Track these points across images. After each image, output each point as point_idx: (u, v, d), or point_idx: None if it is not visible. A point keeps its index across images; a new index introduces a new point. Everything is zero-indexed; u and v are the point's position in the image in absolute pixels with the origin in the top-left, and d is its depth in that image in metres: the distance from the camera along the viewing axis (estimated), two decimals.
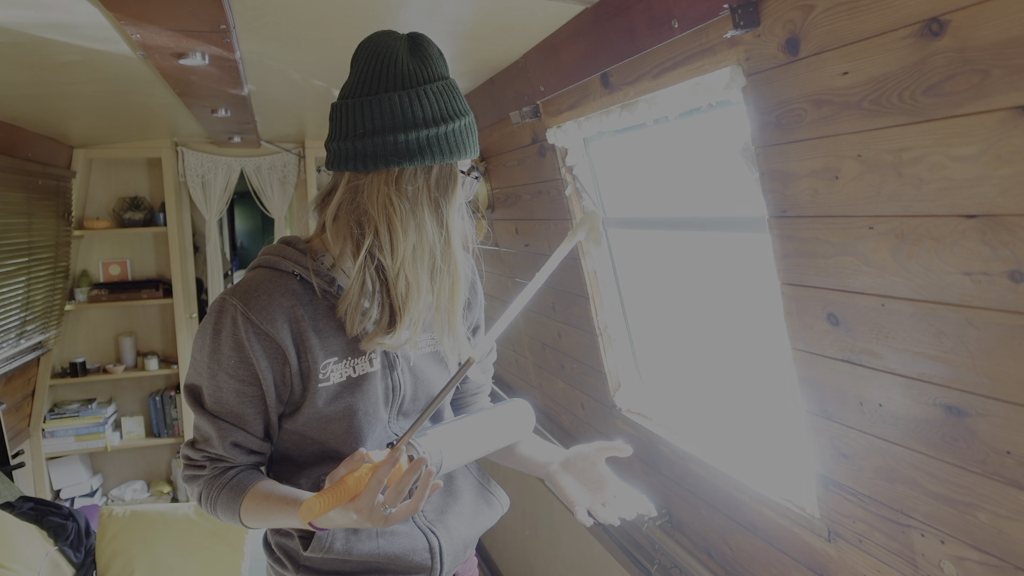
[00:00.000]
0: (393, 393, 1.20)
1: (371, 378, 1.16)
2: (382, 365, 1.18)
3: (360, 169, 1.07)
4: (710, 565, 1.84)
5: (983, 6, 0.80)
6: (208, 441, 1.14)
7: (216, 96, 2.29)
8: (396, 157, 1.06)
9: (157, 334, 4.09)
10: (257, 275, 1.14)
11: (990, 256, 0.88)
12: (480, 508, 1.31)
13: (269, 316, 1.08)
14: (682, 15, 1.28)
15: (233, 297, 1.09)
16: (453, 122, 1.10)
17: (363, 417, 1.16)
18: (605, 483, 1.19)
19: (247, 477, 1.14)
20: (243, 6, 1.48)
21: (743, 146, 1.31)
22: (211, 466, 1.15)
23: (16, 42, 1.68)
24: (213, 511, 1.16)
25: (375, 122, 1.06)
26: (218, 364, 1.10)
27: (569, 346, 2.52)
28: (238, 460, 1.15)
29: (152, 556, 2.61)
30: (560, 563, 2.82)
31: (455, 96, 1.12)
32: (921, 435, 1.08)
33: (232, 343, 1.08)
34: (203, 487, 1.16)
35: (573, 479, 1.22)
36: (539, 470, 1.30)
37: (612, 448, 1.20)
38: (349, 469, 0.95)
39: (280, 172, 4.04)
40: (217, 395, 1.11)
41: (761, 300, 1.51)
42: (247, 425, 1.13)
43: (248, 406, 1.12)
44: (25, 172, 2.91)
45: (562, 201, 2.20)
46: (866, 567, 1.29)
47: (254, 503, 1.10)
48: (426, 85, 1.08)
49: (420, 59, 1.10)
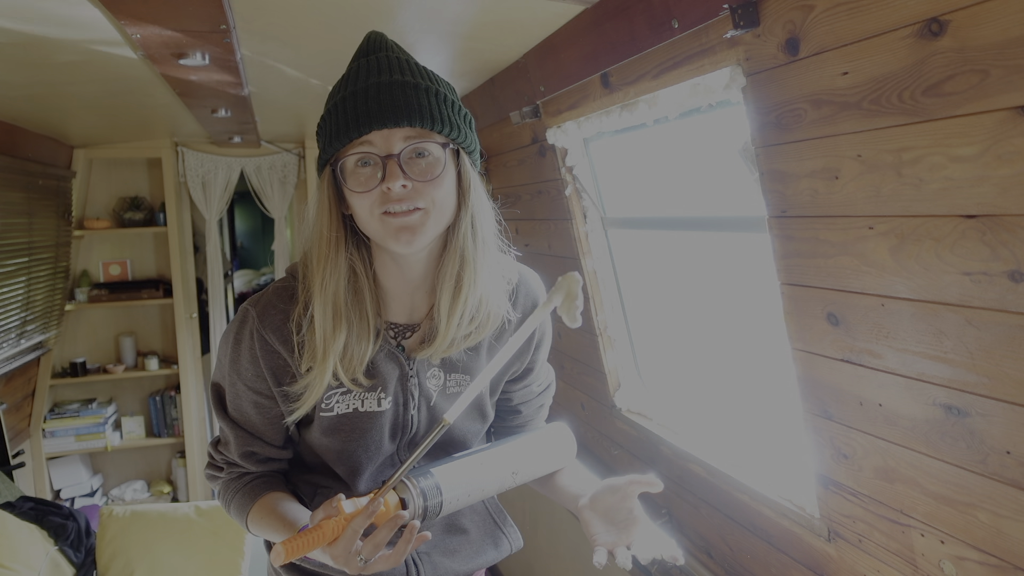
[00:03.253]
0: (403, 430, 1.12)
1: (376, 417, 1.09)
2: (395, 403, 1.10)
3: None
4: (710, 565, 1.84)
5: (983, 6, 0.80)
6: (227, 446, 1.14)
7: (216, 96, 2.29)
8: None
9: (157, 334, 4.09)
10: (282, 286, 1.09)
11: (990, 256, 0.88)
12: (483, 548, 1.23)
13: (281, 335, 1.05)
14: (682, 15, 1.28)
15: (254, 308, 1.06)
16: (338, 95, 0.99)
17: (362, 453, 1.11)
18: (634, 524, 1.05)
19: (260, 486, 1.13)
20: (243, 6, 1.48)
21: (743, 146, 1.31)
22: (228, 469, 1.15)
23: (16, 42, 1.68)
24: (228, 511, 1.17)
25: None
26: (237, 374, 1.08)
27: (569, 346, 2.52)
28: (253, 468, 1.14)
29: (152, 556, 2.61)
30: (560, 563, 2.82)
31: (382, 63, 0.99)
32: (921, 435, 1.08)
33: (249, 356, 1.06)
34: (221, 488, 1.17)
35: (600, 517, 1.09)
36: (570, 504, 1.18)
37: (643, 483, 1.07)
38: (327, 514, 0.90)
39: (280, 172, 4.04)
40: (236, 403, 1.10)
41: (761, 300, 1.51)
42: (264, 435, 1.12)
43: (265, 417, 1.10)
44: (25, 172, 2.91)
45: (562, 201, 2.20)
46: (866, 567, 1.29)
47: (259, 515, 1.10)
48: (353, 62, 1.02)
49: (365, 39, 1.05)
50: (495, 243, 1.10)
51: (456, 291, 1.05)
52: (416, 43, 1.81)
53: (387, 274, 1.08)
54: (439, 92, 0.99)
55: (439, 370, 1.13)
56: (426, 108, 0.96)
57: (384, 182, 0.95)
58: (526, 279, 1.19)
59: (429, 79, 1.00)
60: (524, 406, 1.28)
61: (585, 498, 1.12)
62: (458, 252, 1.05)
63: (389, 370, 1.09)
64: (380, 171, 0.96)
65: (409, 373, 1.10)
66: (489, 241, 1.08)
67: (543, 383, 1.29)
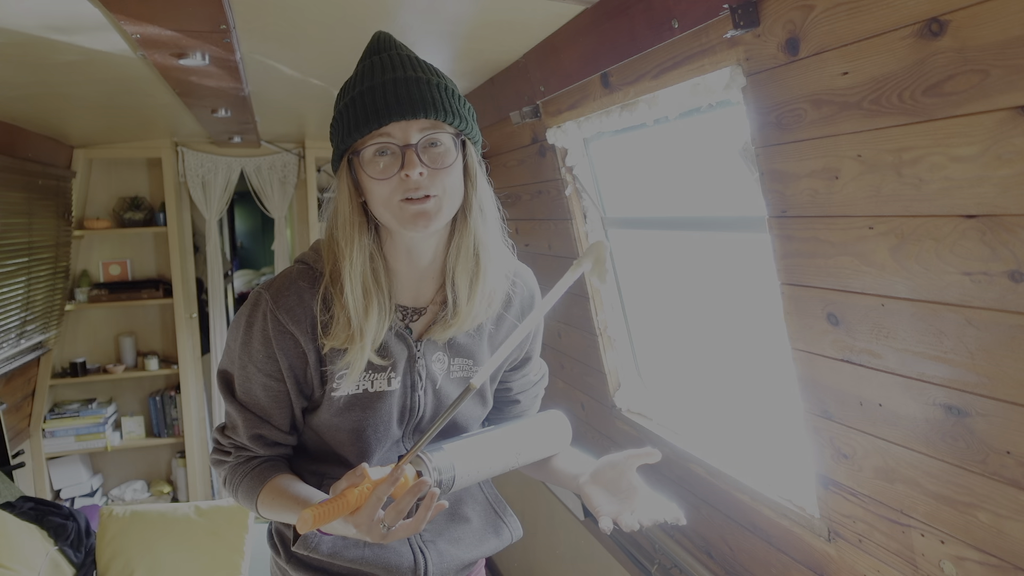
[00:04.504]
0: (410, 413, 1.17)
1: (386, 397, 1.14)
2: (403, 385, 1.15)
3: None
4: (710, 565, 1.84)
5: (983, 6, 0.80)
6: (235, 430, 1.16)
7: (216, 96, 2.29)
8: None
9: (157, 334, 4.09)
10: (294, 270, 1.14)
11: (990, 256, 0.88)
12: (485, 536, 1.26)
13: (295, 316, 1.08)
14: (682, 15, 1.28)
15: (267, 292, 1.10)
16: (355, 90, 1.05)
17: (371, 433, 1.14)
18: (635, 492, 1.11)
19: (269, 468, 1.15)
20: (243, 6, 1.48)
21: (743, 146, 1.31)
22: (236, 453, 1.17)
23: (16, 42, 1.68)
24: (235, 496, 1.18)
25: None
26: (248, 357, 1.11)
27: (569, 346, 2.52)
28: (261, 452, 1.17)
29: (152, 556, 2.61)
30: (560, 563, 2.82)
31: (394, 60, 1.06)
32: (921, 435, 1.08)
33: (262, 338, 1.09)
34: (228, 472, 1.18)
35: (602, 489, 1.14)
36: (570, 483, 1.23)
37: (642, 455, 1.13)
38: (350, 483, 0.94)
39: (280, 172, 4.03)
40: (247, 386, 1.13)
41: (761, 300, 1.51)
42: (272, 418, 1.14)
43: (274, 400, 1.13)
44: (25, 172, 2.91)
45: (562, 201, 2.20)
46: (866, 567, 1.29)
47: (270, 496, 1.11)
48: (364, 60, 1.08)
49: (373, 38, 1.11)
50: (500, 225, 1.18)
51: (476, 270, 1.13)
52: (416, 43, 1.80)
53: (397, 258, 1.13)
54: (447, 87, 1.06)
55: (444, 354, 1.18)
56: (439, 101, 1.03)
57: (403, 169, 1.01)
58: (521, 272, 1.27)
59: (437, 75, 1.07)
60: (522, 395, 1.35)
61: (585, 475, 1.18)
62: (472, 233, 1.12)
63: (399, 351, 1.14)
64: (398, 160, 1.02)
65: (416, 355, 1.15)
66: (496, 223, 1.16)
67: (539, 373, 1.37)
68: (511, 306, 1.22)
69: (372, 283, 1.08)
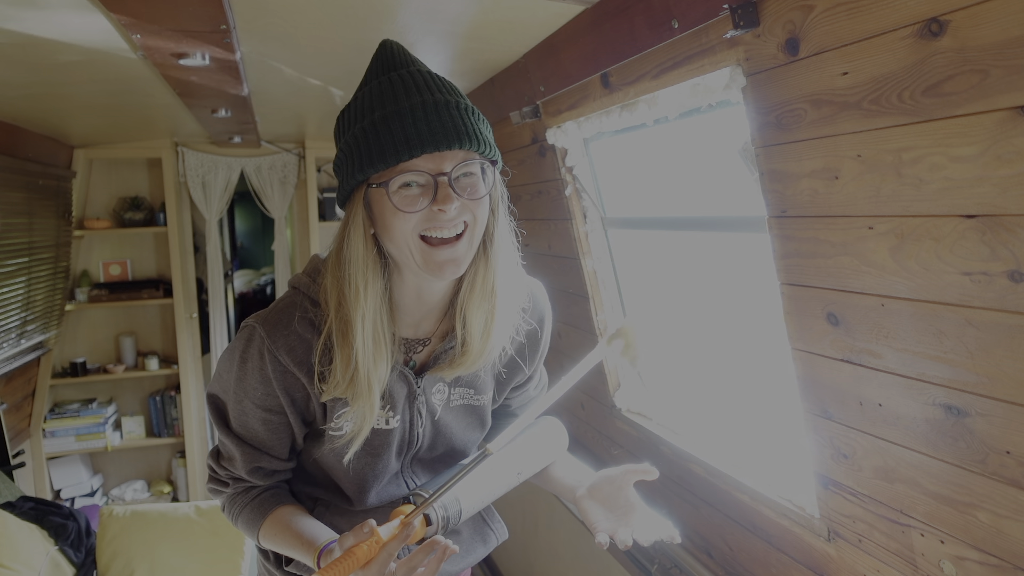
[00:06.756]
0: (409, 446, 1.14)
1: (384, 435, 1.10)
2: (402, 421, 1.11)
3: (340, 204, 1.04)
4: (710, 565, 1.84)
5: (983, 6, 0.80)
6: (232, 461, 1.12)
7: (216, 96, 2.29)
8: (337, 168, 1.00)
9: (157, 334, 4.09)
10: (290, 302, 1.05)
11: (990, 256, 0.88)
12: (473, 545, 1.25)
13: (296, 357, 1.02)
14: (682, 15, 1.28)
15: (262, 327, 1.02)
16: (375, 113, 0.94)
17: (369, 472, 1.12)
18: (632, 510, 1.10)
19: (270, 499, 1.13)
20: (243, 6, 1.48)
21: (743, 146, 1.31)
22: (234, 485, 1.14)
23: (16, 42, 1.68)
24: (235, 524, 1.16)
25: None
26: (244, 392, 1.05)
27: (569, 346, 2.52)
28: (260, 482, 1.14)
29: (152, 556, 2.61)
30: (560, 563, 2.82)
31: (416, 80, 0.96)
32: (921, 435, 1.08)
33: (259, 376, 1.03)
34: (227, 501, 1.16)
35: (599, 505, 1.13)
36: (567, 494, 1.21)
37: (639, 471, 1.11)
38: (358, 540, 0.90)
39: (280, 172, 4.04)
40: (242, 420, 1.08)
41: (761, 300, 1.51)
42: (272, 450, 1.10)
43: (274, 432, 1.09)
44: (25, 172, 2.91)
45: (562, 201, 2.20)
46: (866, 567, 1.29)
47: (272, 530, 1.09)
48: (379, 77, 0.99)
49: (384, 51, 1.02)
50: (517, 255, 1.11)
51: (492, 310, 1.05)
52: (416, 43, 1.81)
53: (404, 294, 1.06)
54: (471, 108, 0.98)
55: (444, 384, 1.14)
56: (471, 128, 0.95)
57: (436, 203, 0.93)
58: (533, 292, 1.20)
59: (458, 94, 0.99)
60: (520, 409, 1.32)
61: (582, 489, 1.16)
62: (492, 270, 1.05)
63: (398, 390, 1.09)
64: (428, 192, 0.94)
65: (417, 392, 1.11)
66: (515, 253, 1.09)
67: (538, 387, 1.33)
68: (519, 329, 1.15)
69: (382, 328, 1.00)
